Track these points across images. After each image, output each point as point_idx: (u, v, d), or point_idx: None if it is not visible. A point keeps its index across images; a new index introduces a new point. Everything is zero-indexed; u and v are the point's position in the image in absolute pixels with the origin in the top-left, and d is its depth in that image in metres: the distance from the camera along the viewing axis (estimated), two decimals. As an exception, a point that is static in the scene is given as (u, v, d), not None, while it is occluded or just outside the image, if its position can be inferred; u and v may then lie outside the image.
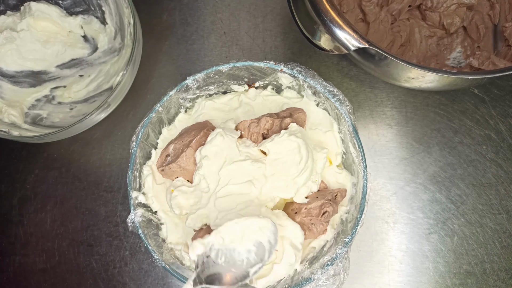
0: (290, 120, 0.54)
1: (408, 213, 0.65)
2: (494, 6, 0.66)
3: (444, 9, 0.65)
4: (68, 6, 0.71)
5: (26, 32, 0.68)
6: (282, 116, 0.56)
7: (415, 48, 0.66)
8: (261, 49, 0.72)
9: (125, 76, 0.61)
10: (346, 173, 0.57)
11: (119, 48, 0.69)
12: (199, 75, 0.58)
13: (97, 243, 0.66)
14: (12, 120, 0.65)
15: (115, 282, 0.65)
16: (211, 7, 0.74)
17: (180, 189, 0.53)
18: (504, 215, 0.65)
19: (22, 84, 0.69)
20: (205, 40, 0.73)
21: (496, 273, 0.63)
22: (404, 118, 0.68)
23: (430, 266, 0.64)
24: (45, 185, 0.69)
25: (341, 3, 0.67)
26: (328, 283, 0.52)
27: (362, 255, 0.64)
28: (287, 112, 0.57)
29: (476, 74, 0.52)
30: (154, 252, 0.53)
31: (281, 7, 0.73)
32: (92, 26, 0.71)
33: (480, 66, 0.63)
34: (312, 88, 0.57)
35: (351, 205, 0.55)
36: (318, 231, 0.53)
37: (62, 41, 0.70)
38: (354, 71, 0.70)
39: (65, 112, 0.68)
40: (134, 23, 0.62)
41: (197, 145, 0.54)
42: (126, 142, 0.69)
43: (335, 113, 0.57)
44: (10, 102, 0.67)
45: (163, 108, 0.58)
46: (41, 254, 0.66)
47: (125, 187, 0.67)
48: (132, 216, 0.54)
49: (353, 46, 0.52)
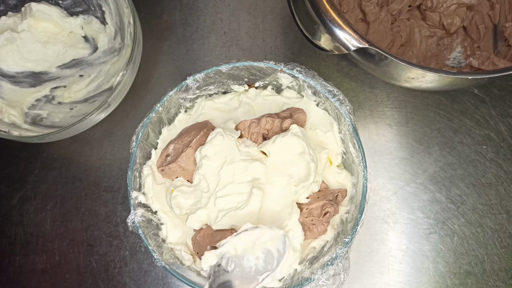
0: (291, 121, 0.54)
1: (408, 213, 0.65)
2: (494, 6, 0.66)
3: (444, 9, 0.65)
4: (68, 6, 0.71)
5: (27, 33, 0.68)
6: (282, 116, 0.56)
7: (415, 48, 0.66)
8: (261, 49, 0.72)
9: (125, 76, 0.61)
10: (346, 173, 0.57)
11: (119, 48, 0.69)
12: (199, 75, 0.58)
13: (97, 243, 0.66)
14: (12, 120, 0.65)
15: (115, 282, 0.65)
16: (211, 7, 0.74)
17: (180, 189, 0.53)
18: (504, 215, 0.65)
19: (22, 84, 0.69)
20: (205, 40, 0.73)
21: (496, 273, 0.63)
22: (404, 118, 0.68)
23: (430, 266, 0.64)
24: (45, 185, 0.69)
25: (341, 3, 0.67)
26: (328, 283, 0.52)
27: (362, 255, 0.64)
28: (287, 112, 0.57)
29: (476, 74, 0.52)
30: (154, 252, 0.53)
31: (281, 7, 0.73)
32: (92, 26, 0.71)
33: (480, 66, 0.63)
34: (312, 88, 0.57)
35: (351, 205, 0.55)
36: (319, 231, 0.53)
37: (63, 42, 0.70)
38: (354, 71, 0.70)
39: (65, 112, 0.68)
40: (134, 23, 0.62)
41: (197, 145, 0.54)
42: (126, 142, 0.69)
43: (335, 113, 0.57)
44: (10, 102, 0.67)
45: (163, 108, 0.58)
46: (41, 254, 0.66)
47: (125, 187, 0.67)
48: (132, 216, 0.54)
49: (353, 46, 0.52)
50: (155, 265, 0.64)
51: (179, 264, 0.55)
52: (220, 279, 0.45)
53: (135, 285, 0.65)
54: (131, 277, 0.65)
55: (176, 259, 0.55)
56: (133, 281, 0.65)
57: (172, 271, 0.53)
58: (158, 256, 0.53)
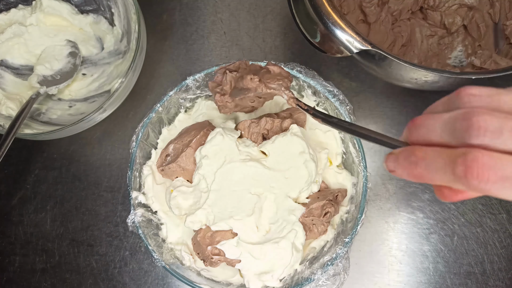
0: (291, 121, 0.54)
1: (408, 213, 0.65)
2: (494, 5, 0.66)
3: (446, 8, 0.65)
4: (78, 4, 0.70)
5: (35, 27, 0.68)
6: (282, 116, 0.56)
7: (416, 48, 0.66)
8: (261, 49, 0.72)
9: (123, 84, 0.60)
10: (346, 173, 0.57)
11: (124, 51, 0.69)
12: (199, 75, 0.58)
13: (97, 243, 0.66)
14: (9, 113, 0.64)
15: (115, 282, 0.65)
16: (211, 7, 0.74)
17: (179, 189, 0.53)
18: (504, 215, 0.65)
19: (25, 76, 0.69)
20: (205, 40, 0.73)
21: (496, 273, 0.63)
22: (404, 118, 0.68)
23: (430, 266, 0.64)
24: (45, 185, 0.69)
25: (342, 5, 0.67)
26: (328, 283, 0.52)
27: (362, 255, 0.64)
28: (287, 112, 0.57)
29: (480, 74, 0.52)
30: (154, 252, 0.53)
31: (281, 7, 0.73)
32: (101, 26, 0.70)
33: (482, 65, 0.63)
34: (312, 88, 0.57)
35: (351, 205, 0.55)
36: (319, 231, 0.53)
37: (74, 36, 0.70)
38: (354, 71, 0.70)
39: (63, 109, 0.68)
40: (139, 31, 0.61)
41: (197, 145, 0.54)
42: (126, 142, 0.69)
43: (335, 113, 0.57)
44: (10, 94, 0.67)
45: (163, 108, 0.58)
46: (41, 254, 0.66)
47: (125, 187, 0.67)
48: (132, 216, 0.54)
49: (356, 48, 0.52)
50: (155, 265, 0.64)
51: (179, 264, 0.55)
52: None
53: (135, 285, 0.65)
54: (131, 277, 0.65)
55: (176, 259, 0.55)
56: (133, 281, 0.65)
57: (172, 271, 0.53)
58: (158, 256, 0.53)
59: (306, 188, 0.52)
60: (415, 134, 0.31)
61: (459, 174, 0.25)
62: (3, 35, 0.67)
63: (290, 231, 0.51)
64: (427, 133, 0.29)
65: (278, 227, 0.51)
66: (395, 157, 0.31)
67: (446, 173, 0.27)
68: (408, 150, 0.30)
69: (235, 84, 0.48)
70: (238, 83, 0.47)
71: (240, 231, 0.51)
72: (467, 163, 0.25)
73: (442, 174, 0.27)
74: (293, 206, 0.52)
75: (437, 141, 0.29)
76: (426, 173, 0.28)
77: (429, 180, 0.29)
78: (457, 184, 0.26)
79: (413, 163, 0.29)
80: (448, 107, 0.30)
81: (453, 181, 0.26)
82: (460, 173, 0.25)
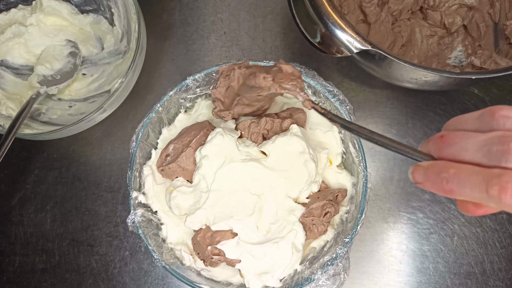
0: (291, 121, 0.54)
1: (408, 213, 0.65)
2: (494, 4, 0.66)
3: (446, 8, 0.65)
4: (79, 4, 0.71)
5: (35, 27, 0.68)
6: (282, 116, 0.56)
7: (416, 48, 0.66)
8: (261, 49, 0.72)
9: (123, 84, 0.60)
10: (346, 173, 0.57)
11: (124, 51, 0.69)
12: (199, 75, 0.58)
13: (97, 243, 0.66)
14: (9, 113, 0.64)
15: (115, 282, 0.65)
16: (211, 7, 0.74)
17: (179, 190, 0.53)
18: (504, 215, 0.64)
19: (25, 76, 0.69)
20: (205, 40, 0.73)
21: (496, 273, 0.63)
22: (404, 118, 0.68)
23: (430, 266, 0.64)
24: (45, 185, 0.69)
25: (342, 5, 0.67)
26: (328, 283, 0.52)
27: (362, 255, 0.64)
28: (287, 112, 0.57)
29: (480, 74, 0.52)
30: (154, 252, 0.53)
31: (281, 7, 0.73)
32: (101, 26, 0.70)
33: (482, 65, 0.63)
34: (312, 88, 0.57)
35: (351, 205, 0.55)
36: (319, 231, 0.53)
37: (74, 35, 0.70)
38: (354, 71, 0.70)
39: (63, 109, 0.68)
40: (139, 31, 0.61)
41: (197, 145, 0.54)
42: (126, 142, 0.69)
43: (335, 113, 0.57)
44: (10, 94, 0.67)
45: (163, 108, 0.58)
46: (41, 254, 0.66)
47: (125, 187, 0.67)
48: (132, 216, 0.54)
49: (356, 48, 0.52)
50: (155, 265, 0.64)
51: (179, 264, 0.55)
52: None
53: (135, 285, 0.65)
54: (131, 277, 0.65)
55: (176, 259, 0.55)
56: (133, 281, 0.65)
57: (172, 271, 0.53)
58: (158, 256, 0.53)
59: (306, 188, 0.52)
60: (446, 151, 0.32)
61: (493, 193, 0.28)
62: (3, 35, 0.67)
63: (290, 231, 0.51)
64: (459, 152, 0.31)
65: (278, 227, 0.51)
66: (423, 170, 0.32)
67: (479, 191, 0.28)
68: (440, 166, 0.31)
69: (243, 81, 0.47)
70: (250, 80, 0.46)
71: (240, 231, 0.51)
72: (502, 184, 0.27)
73: (475, 192, 0.29)
74: (293, 206, 0.52)
75: (468, 160, 0.30)
76: (457, 189, 0.30)
77: (459, 196, 0.30)
78: (489, 203, 0.28)
79: (444, 179, 0.30)
80: (480, 126, 0.31)
81: (485, 199, 0.29)
82: (495, 192, 0.28)
